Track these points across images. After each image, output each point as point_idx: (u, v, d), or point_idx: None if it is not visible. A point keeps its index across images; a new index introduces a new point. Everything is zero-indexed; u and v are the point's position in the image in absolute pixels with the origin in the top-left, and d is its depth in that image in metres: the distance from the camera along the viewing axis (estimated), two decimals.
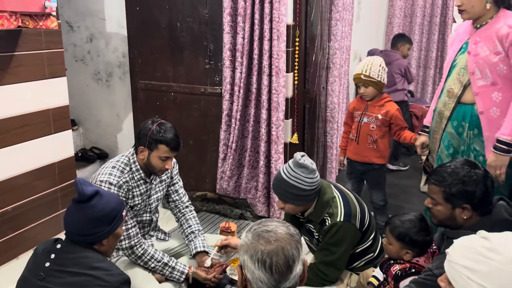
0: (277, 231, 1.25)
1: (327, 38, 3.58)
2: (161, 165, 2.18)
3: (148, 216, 2.36)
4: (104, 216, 1.62)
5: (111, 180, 2.13)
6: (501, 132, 2.05)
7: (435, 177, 1.75)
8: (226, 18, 3.04)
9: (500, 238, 1.24)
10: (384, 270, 2.02)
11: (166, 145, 2.14)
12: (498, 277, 1.17)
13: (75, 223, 1.62)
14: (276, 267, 1.19)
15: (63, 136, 2.78)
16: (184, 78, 3.37)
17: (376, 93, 2.85)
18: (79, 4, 3.88)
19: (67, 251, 1.61)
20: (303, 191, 2.04)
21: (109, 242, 1.67)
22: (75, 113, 4.11)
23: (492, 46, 2.07)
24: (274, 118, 3.08)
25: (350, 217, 2.09)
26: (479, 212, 1.70)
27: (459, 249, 1.26)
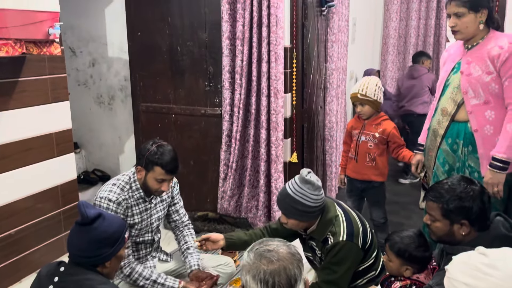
0: (279, 250, 1.25)
1: (324, 59, 3.62)
2: (157, 187, 2.16)
3: (150, 236, 2.35)
4: (107, 238, 1.62)
5: (110, 196, 2.13)
6: (496, 150, 2.06)
7: (432, 194, 1.76)
8: (225, 42, 3.09)
9: (499, 253, 1.24)
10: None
11: (162, 168, 2.11)
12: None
13: (78, 246, 1.61)
14: (279, 286, 1.19)
15: (66, 159, 2.79)
16: (184, 100, 3.40)
17: (373, 112, 2.87)
18: (82, 30, 3.94)
19: (70, 274, 1.60)
20: (308, 207, 2.02)
21: (112, 264, 1.66)
22: (77, 136, 4.13)
23: (484, 66, 2.10)
24: (273, 138, 3.10)
25: (352, 236, 2.06)
26: (477, 228, 1.69)
27: (458, 265, 1.26)
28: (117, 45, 3.84)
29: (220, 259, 2.53)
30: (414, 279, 1.92)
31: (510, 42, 2.05)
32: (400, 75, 5.69)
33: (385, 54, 6.07)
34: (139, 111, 3.57)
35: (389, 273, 2.02)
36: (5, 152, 2.42)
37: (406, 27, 6.00)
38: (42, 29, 2.18)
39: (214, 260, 2.51)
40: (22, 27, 2.08)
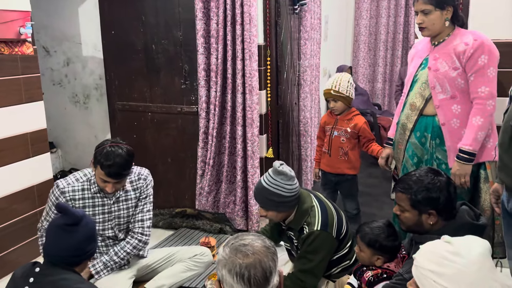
0: (254, 244, 1.25)
1: (297, 57, 3.64)
2: (102, 185, 2.13)
3: (111, 233, 2.30)
4: (93, 235, 1.62)
5: (59, 182, 2.15)
6: (463, 143, 2.11)
7: (401, 185, 1.79)
8: (200, 40, 3.07)
9: (463, 241, 1.27)
10: (357, 277, 2.04)
11: (101, 169, 2.05)
12: (462, 279, 1.20)
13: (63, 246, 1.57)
14: (255, 279, 1.19)
15: (42, 159, 2.74)
16: (161, 98, 3.37)
17: (345, 107, 2.90)
18: (55, 29, 3.86)
19: (45, 274, 1.56)
20: (283, 197, 2.06)
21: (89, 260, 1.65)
22: (53, 136, 4.05)
23: (451, 62, 2.15)
24: (249, 134, 3.10)
25: (327, 226, 2.11)
26: (444, 217, 1.74)
27: (425, 254, 1.29)
28: (91, 44, 3.78)
29: (196, 250, 2.52)
30: (385, 268, 1.96)
31: (475, 38, 2.09)
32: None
33: (357, 51, 6.14)
34: (115, 109, 3.52)
35: (361, 263, 2.05)
36: None
37: (376, 24, 6.08)
38: (13, 28, 2.13)
39: (189, 251, 2.50)
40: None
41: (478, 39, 2.08)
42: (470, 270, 1.20)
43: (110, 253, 2.26)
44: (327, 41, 4.97)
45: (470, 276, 1.19)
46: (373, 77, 6.24)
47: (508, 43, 2.59)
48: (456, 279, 1.20)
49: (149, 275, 2.43)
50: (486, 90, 2.08)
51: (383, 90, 6.23)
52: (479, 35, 2.11)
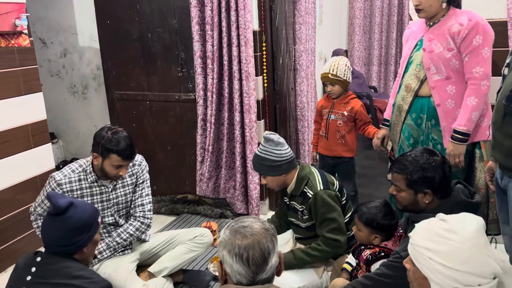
0: (253, 226, 1.27)
1: (293, 42, 3.61)
2: (115, 172, 2.14)
3: (111, 219, 2.32)
4: (82, 225, 1.60)
5: (55, 175, 2.15)
6: (457, 123, 2.11)
7: (397, 166, 1.80)
8: (195, 27, 3.04)
9: (457, 219, 1.28)
10: (356, 256, 2.06)
11: (118, 155, 2.08)
12: (457, 255, 1.21)
13: (54, 236, 1.58)
14: (253, 259, 1.21)
15: (43, 150, 2.73)
16: (158, 87, 3.36)
17: (342, 91, 2.89)
18: (51, 21, 3.82)
19: (47, 263, 1.57)
20: (274, 161, 2.19)
21: (88, 249, 1.65)
22: (54, 127, 4.04)
23: (445, 43, 2.13)
24: (247, 120, 3.10)
25: (328, 184, 2.22)
26: (439, 196, 1.75)
27: (420, 232, 1.29)
28: (87, 34, 3.76)
29: (196, 232, 2.52)
30: (382, 247, 1.98)
31: (470, 19, 2.07)
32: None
33: (352, 34, 6.10)
34: (113, 99, 3.50)
35: (359, 242, 2.07)
36: None
37: (371, 7, 6.02)
38: (8, 20, 2.11)
39: (189, 233, 2.51)
40: None
41: (473, 19, 2.06)
42: (465, 247, 1.21)
43: (113, 235, 2.30)
44: (322, 25, 4.93)
45: (465, 252, 1.21)
46: (369, 60, 6.21)
47: (501, 22, 2.57)
48: (451, 255, 1.21)
49: (152, 259, 2.45)
50: (480, 70, 2.07)
51: (379, 72, 6.21)
52: (473, 15, 2.08)
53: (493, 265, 1.22)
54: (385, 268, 1.73)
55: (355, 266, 2.08)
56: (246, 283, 1.23)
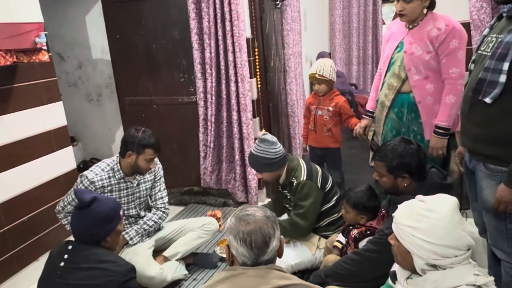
0: (255, 214, 1.27)
1: (282, 46, 3.60)
2: (147, 166, 2.20)
3: (134, 212, 2.35)
4: (104, 217, 1.60)
5: (88, 174, 2.15)
6: (438, 119, 2.10)
7: (379, 154, 1.80)
8: (194, 37, 3.02)
9: (434, 199, 1.28)
10: (345, 235, 2.07)
11: (152, 149, 2.17)
12: (436, 231, 1.22)
13: (80, 227, 1.60)
14: (255, 243, 1.21)
15: (65, 152, 2.71)
16: (163, 92, 3.33)
17: (328, 89, 2.89)
18: (67, 36, 3.78)
19: (77, 250, 1.59)
20: (269, 159, 2.19)
21: (112, 238, 1.65)
22: (73, 131, 4.02)
23: (425, 46, 2.09)
24: (243, 118, 3.08)
25: (311, 176, 2.24)
26: (416, 179, 1.75)
27: (403, 212, 1.30)
28: (99, 48, 3.72)
29: (204, 220, 2.56)
30: (368, 226, 1.98)
31: (447, 24, 2.04)
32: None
33: (333, 38, 6.08)
34: (124, 104, 3.48)
35: (347, 223, 2.08)
36: (11, 150, 2.34)
37: (348, 14, 6.00)
38: (29, 39, 2.08)
39: (198, 221, 2.53)
40: (10, 38, 1.98)
41: (450, 25, 2.03)
42: (442, 223, 1.21)
43: (140, 223, 2.34)
44: (307, 31, 4.91)
45: (442, 228, 1.21)
46: (349, 60, 6.20)
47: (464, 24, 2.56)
48: (431, 231, 1.21)
49: (166, 245, 2.46)
50: (456, 71, 2.05)
51: (358, 71, 6.20)
52: (450, 20, 2.05)
53: (467, 238, 1.23)
54: (371, 245, 1.75)
55: (345, 243, 2.09)
56: (250, 264, 1.23)
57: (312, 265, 2.28)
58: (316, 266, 2.28)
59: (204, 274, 2.45)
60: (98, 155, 4.10)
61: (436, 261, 1.22)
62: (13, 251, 2.35)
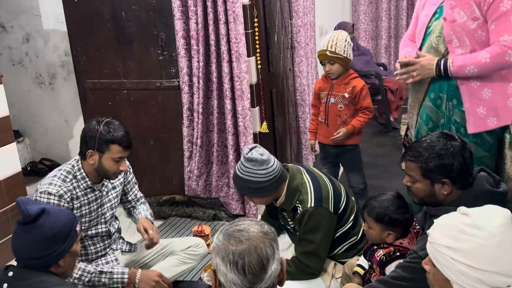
0: (250, 229, 1.26)
1: (289, 16, 3.60)
2: (115, 167, 2.16)
3: (104, 228, 2.34)
4: (55, 235, 1.60)
5: (50, 189, 2.10)
6: (453, 58, 2.09)
7: (410, 153, 1.80)
8: (176, 3, 3.02)
9: (481, 212, 1.28)
10: (368, 257, 2.07)
11: (119, 144, 2.12)
12: (482, 253, 1.21)
13: (24, 247, 1.59)
14: (249, 267, 1.20)
15: (7, 150, 2.72)
16: (136, 73, 3.34)
17: (343, 70, 2.89)
18: (10, 2, 3.78)
19: (20, 278, 1.58)
20: (260, 183, 2.10)
21: (66, 262, 1.65)
22: (18, 123, 4.02)
23: (470, 11, 2.07)
24: (239, 107, 3.09)
25: (321, 201, 2.15)
26: (460, 186, 1.75)
27: (440, 228, 1.30)
28: (53, 16, 3.72)
29: (189, 242, 2.55)
30: (397, 245, 1.98)
31: None
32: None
33: (356, 5, 6.09)
34: (85, 89, 3.48)
35: (370, 241, 2.08)
36: None
37: None
38: None
39: (182, 243, 2.53)
40: None
41: None
42: (490, 244, 1.21)
43: (142, 204, 2.52)
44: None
45: (491, 250, 1.21)
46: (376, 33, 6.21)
47: None
48: (476, 254, 1.21)
49: None
50: (509, 38, 2.02)
51: (388, 47, 6.20)
52: None
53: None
54: (401, 270, 1.74)
55: (368, 269, 2.09)
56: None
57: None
58: None
59: None
60: (50, 155, 4.11)
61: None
62: None
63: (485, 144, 2.16)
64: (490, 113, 2.13)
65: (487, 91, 2.13)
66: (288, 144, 3.70)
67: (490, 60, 2.04)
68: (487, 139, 2.17)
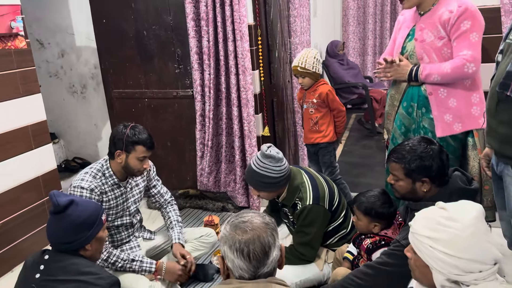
0: (253, 221, 1.25)
1: (288, 34, 3.58)
2: (139, 166, 2.16)
3: (128, 219, 2.33)
4: (82, 223, 1.59)
5: (83, 184, 2.10)
6: (423, 67, 2.10)
7: (395, 155, 1.78)
8: (190, 23, 3.01)
9: (456, 206, 1.26)
10: (357, 245, 2.05)
11: (143, 145, 2.13)
12: (457, 243, 1.19)
13: (56, 233, 1.59)
14: (254, 254, 1.19)
15: (44, 150, 2.72)
16: (156, 84, 3.33)
17: (312, 82, 2.90)
18: (48, 21, 3.78)
19: (55, 261, 1.58)
20: (273, 179, 2.10)
21: (93, 247, 1.64)
22: (54, 127, 4.02)
23: (436, 31, 2.09)
24: (245, 114, 3.07)
25: (318, 199, 2.15)
26: (437, 184, 1.73)
27: (420, 220, 1.28)
28: (84, 34, 3.72)
29: (202, 231, 2.54)
30: (382, 235, 1.97)
31: (459, 5, 2.03)
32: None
33: (346, 25, 6.07)
34: (112, 97, 3.48)
35: (359, 231, 2.06)
36: None
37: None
38: (4, 23, 2.08)
39: (195, 232, 2.52)
40: None
41: (463, 6, 2.02)
42: (465, 234, 1.19)
43: (174, 225, 2.40)
44: (317, 17, 4.90)
45: (465, 239, 1.19)
46: (363, 50, 6.18)
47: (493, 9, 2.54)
48: (452, 243, 1.20)
49: (158, 256, 2.45)
50: (468, 53, 2.02)
51: (374, 63, 6.17)
52: (464, 2, 2.04)
53: (494, 251, 1.21)
54: (386, 257, 1.72)
55: (356, 255, 2.08)
56: (248, 278, 1.22)
57: (320, 281, 2.27)
58: (324, 282, 2.26)
59: None
60: (81, 154, 4.10)
61: (458, 277, 1.20)
62: None
63: (449, 147, 2.16)
64: (455, 120, 2.13)
65: (453, 100, 2.13)
66: (287, 146, 3.67)
67: (450, 71, 2.06)
68: (451, 143, 2.18)
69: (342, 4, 6.05)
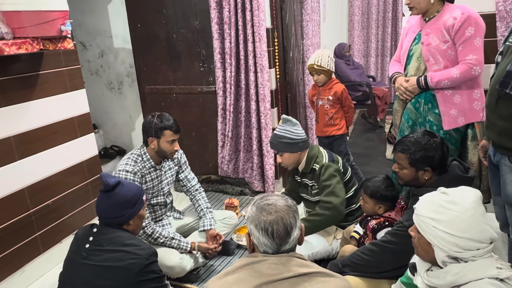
0: (277, 204, 1.25)
1: (301, 37, 3.56)
2: (171, 148, 2.21)
3: (162, 199, 2.37)
4: (127, 201, 1.63)
5: (127, 168, 2.15)
6: (431, 75, 2.09)
7: (401, 146, 1.77)
8: (214, 27, 3.01)
9: (457, 191, 1.26)
10: (363, 226, 2.06)
11: (170, 129, 2.18)
12: (458, 224, 1.20)
13: (105, 209, 1.63)
14: (277, 233, 1.20)
15: (87, 139, 2.76)
16: (183, 81, 3.34)
17: (326, 79, 2.90)
18: (89, 26, 3.81)
19: (102, 233, 1.62)
20: (291, 139, 2.21)
21: (135, 222, 1.68)
22: (95, 118, 4.07)
23: (441, 36, 2.06)
24: (262, 108, 3.07)
25: (333, 161, 2.26)
26: (438, 172, 1.72)
27: (425, 204, 1.28)
28: (121, 37, 3.74)
29: (225, 214, 2.58)
30: (386, 217, 1.96)
31: (463, 12, 2.01)
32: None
33: (351, 30, 6.00)
34: (144, 93, 3.50)
35: (365, 213, 2.06)
36: (36, 136, 2.39)
37: (368, 5, 5.90)
38: (55, 26, 2.10)
39: (219, 214, 2.55)
40: (37, 26, 2.00)
41: (466, 13, 2.00)
42: (465, 216, 1.19)
43: (205, 213, 2.41)
44: (326, 22, 4.85)
45: (465, 221, 1.19)
46: (367, 52, 6.11)
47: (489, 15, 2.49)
48: (453, 224, 1.20)
49: (187, 233, 2.49)
50: (473, 57, 2.01)
51: (376, 63, 6.11)
52: (466, 9, 2.02)
53: (490, 231, 1.20)
54: (390, 236, 1.73)
55: (363, 234, 2.08)
56: (271, 253, 1.23)
57: (329, 255, 2.28)
58: (333, 256, 2.28)
59: (221, 261, 2.48)
60: (118, 143, 4.15)
61: (458, 254, 1.20)
62: (38, 233, 2.41)
63: (451, 139, 2.15)
64: (460, 114, 2.11)
65: (457, 97, 2.10)
66: None
67: (460, 75, 2.04)
68: (454, 135, 2.16)
69: (348, 11, 5.97)
